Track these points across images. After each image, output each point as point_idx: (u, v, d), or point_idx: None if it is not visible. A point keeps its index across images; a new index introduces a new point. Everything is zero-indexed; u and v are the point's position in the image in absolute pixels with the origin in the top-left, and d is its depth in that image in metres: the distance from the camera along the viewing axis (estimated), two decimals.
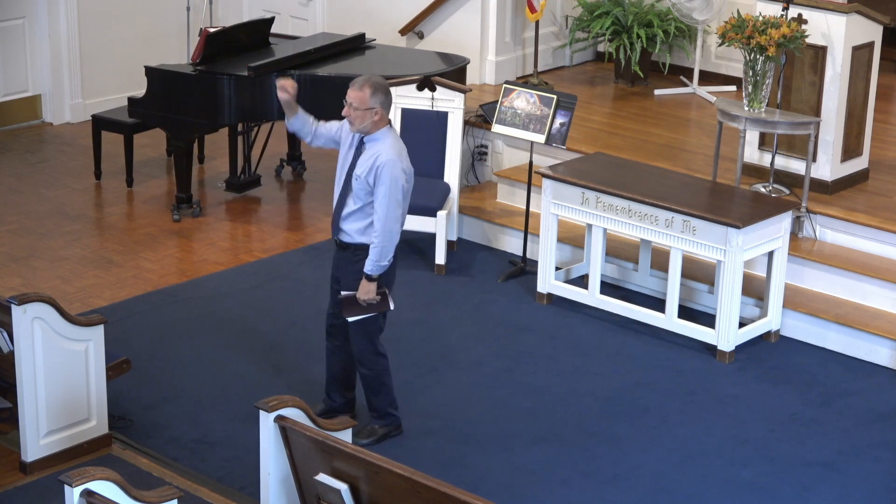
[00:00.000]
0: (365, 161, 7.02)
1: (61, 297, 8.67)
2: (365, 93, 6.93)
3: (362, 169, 7.02)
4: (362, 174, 7.02)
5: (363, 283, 7.09)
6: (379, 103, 6.95)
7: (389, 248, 7.05)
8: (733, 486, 7.07)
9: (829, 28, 8.92)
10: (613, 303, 8.82)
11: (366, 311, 7.15)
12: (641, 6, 11.44)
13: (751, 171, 9.35)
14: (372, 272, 7.05)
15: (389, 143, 7.02)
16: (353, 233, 7.13)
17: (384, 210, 6.98)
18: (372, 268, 7.05)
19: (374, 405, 7.44)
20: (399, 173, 6.96)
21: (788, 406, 7.86)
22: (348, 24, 11.70)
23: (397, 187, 6.96)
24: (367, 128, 7.00)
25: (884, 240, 8.71)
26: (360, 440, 7.24)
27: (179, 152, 10.27)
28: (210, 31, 10.26)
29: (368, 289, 7.08)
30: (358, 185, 7.04)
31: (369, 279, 7.07)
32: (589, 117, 10.66)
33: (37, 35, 12.10)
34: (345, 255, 7.21)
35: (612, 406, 7.83)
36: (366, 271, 7.05)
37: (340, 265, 7.25)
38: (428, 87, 9.61)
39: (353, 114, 6.97)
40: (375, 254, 7.03)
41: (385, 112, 7.01)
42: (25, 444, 7.05)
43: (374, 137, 7.03)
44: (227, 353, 8.35)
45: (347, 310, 7.16)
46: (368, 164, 7.00)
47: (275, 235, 10.12)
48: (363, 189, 7.03)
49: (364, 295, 7.09)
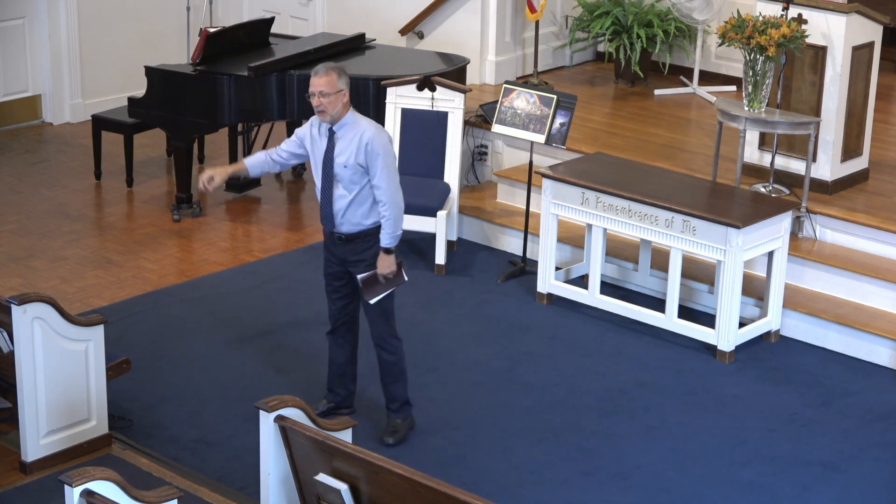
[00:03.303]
0: (347, 147, 7.03)
1: (61, 297, 8.66)
2: (332, 76, 6.97)
3: (347, 155, 7.03)
4: (349, 160, 7.02)
5: (382, 258, 7.13)
6: (345, 85, 7.02)
7: (400, 217, 7.12)
8: (733, 486, 7.07)
9: (829, 28, 8.92)
10: (613, 303, 8.82)
11: (385, 287, 7.20)
12: (641, 6, 11.44)
13: (751, 171, 9.35)
14: (391, 244, 7.12)
15: (365, 121, 7.07)
16: (357, 221, 7.14)
17: (386, 182, 7.04)
18: (390, 240, 7.12)
19: (394, 394, 7.42)
20: (388, 142, 7.04)
21: (788, 406, 7.86)
22: (348, 24, 11.70)
23: (391, 156, 7.04)
24: (338, 113, 7.00)
25: (884, 240, 8.71)
26: (389, 440, 7.32)
27: (179, 152, 10.27)
28: (210, 31, 10.27)
29: (389, 262, 7.15)
30: (348, 172, 7.04)
31: (388, 252, 7.13)
32: (589, 117, 10.66)
33: (37, 35, 12.10)
34: (352, 245, 7.20)
35: (612, 406, 7.83)
36: (384, 245, 7.12)
37: (349, 257, 7.24)
38: (428, 87, 9.61)
39: (324, 101, 6.97)
40: (390, 226, 7.10)
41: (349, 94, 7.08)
42: (25, 444, 7.05)
43: (344, 122, 7.05)
44: (227, 353, 8.35)
45: (368, 291, 7.19)
46: (353, 147, 7.01)
47: (275, 235, 10.12)
48: (356, 173, 7.04)
49: (386, 269, 7.14)
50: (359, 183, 7.07)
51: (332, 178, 7.10)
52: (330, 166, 7.09)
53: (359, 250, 7.20)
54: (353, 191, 7.09)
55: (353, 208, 7.13)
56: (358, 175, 7.05)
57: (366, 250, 7.19)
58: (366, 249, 7.19)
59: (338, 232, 7.21)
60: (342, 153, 7.05)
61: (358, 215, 7.14)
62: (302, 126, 7.28)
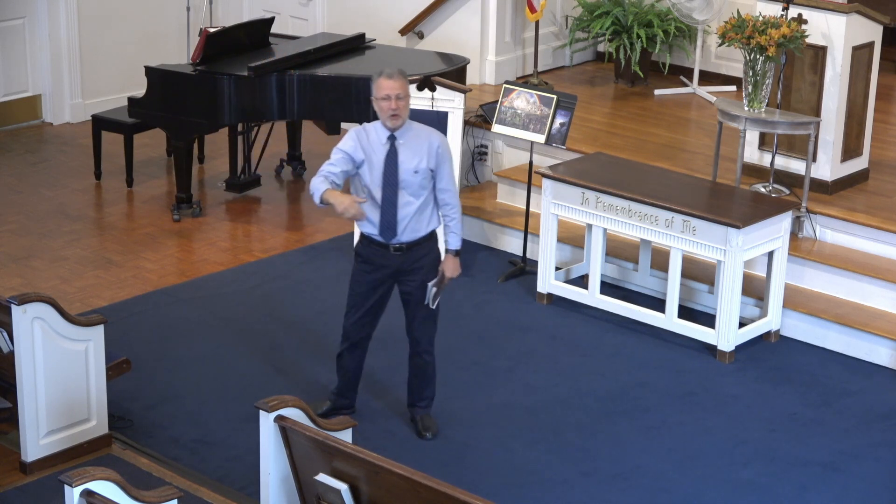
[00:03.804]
0: (415, 152, 6.89)
1: (61, 297, 8.66)
2: (405, 81, 6.83)
3: (416, 162, 6.88)
4: (421, 166, 6.88)
5: (450, 260, 7.07)
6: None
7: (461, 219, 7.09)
8: (733, 486, 7.07)
9: (829, 28, 8.92)
10: (613, 303, 8.82)
11: (441, 291, 7.18)
12: (641, 6, 11.44)
13: (751, 171, 9.35)
14: (460, 246, 7.06)
15: (422, 126, 6.96)
16: (421, 228, 7.03)
17: (454, 185, 7.02)
18: (460, 242, 7.06)
19: (427, 393, 7.48)
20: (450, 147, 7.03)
21: (788, 406, 7.86)
22: (348, 24, 11.70)
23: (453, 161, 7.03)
24: (405, 117, 6.87)
25: (884, 240, 8.71)
26: (428, 435, 7.38)
27: (179, 152, 10.27)
28: (210, 31, 10.26)
29: (457, 264, 7.09)
30: (418, 178, 6.89)
31: (458, 254, 7.07)
32: (589, 117, 10.66)
33: (37, 35, 12.10)
34: (410, 253, 7.07)
35: (612, 406, 7.83)
36: (455, 248, 7.05)
37: (404, 266, 7.08)
38: (428, 87, 9.61)
39: (400, 104, 6.81)
40: (459, 227, 7.05)
41: None
42: (25, 444, 7.05)
43: (405, 129, 6.90)
44: (227, 353, 8.35)
45: (433, 296, 7.15)
46: (423, 152, 6.88)
47: (275, 235, 10.12)
48: (425, 178, 6.91)
49: (454, 272, 7.08)
50: (427, 188, 6.94)
51: (396, 186, 6.90)
52: (394, 174, 6.89)
53: (417, 258, 7.07)
54: (420, 196, 6.95)
55: (418, 215, 6.99)
56: (427, 180, 6.93)
57: (424, 257, 7.08)
58: (424, 256, 7.08)
59: (398, 242, 7.03)
60: (410, 159, 6.88)
61: (422, 221, 7.01)
62: (343, 141, 6.97)
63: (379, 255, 7.08)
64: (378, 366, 8.17)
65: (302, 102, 9.98)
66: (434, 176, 6.95)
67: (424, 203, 6.98)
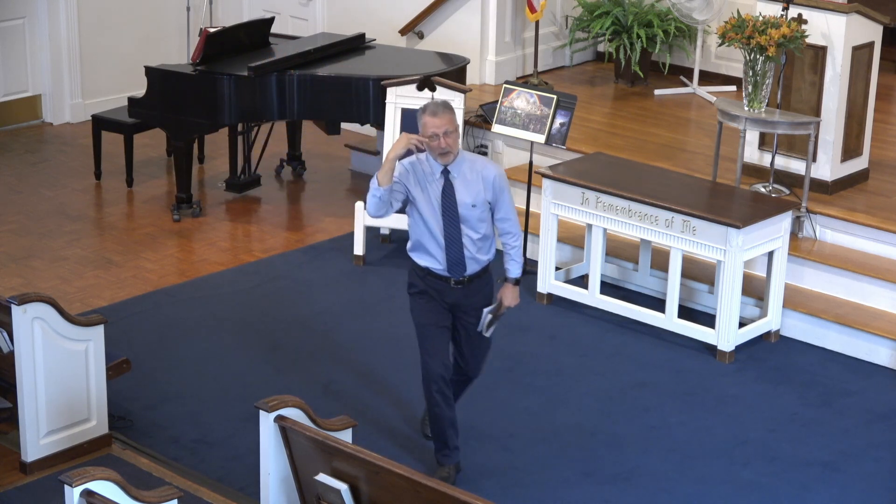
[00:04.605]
0: (471, 186, 6.65)
1: (61, 297, 8.66)
2: (452, 114, 6.56)
3: (472, 195, 6.65)
4: (478, 200, 6.66)
5: (510, 288, 6.84)
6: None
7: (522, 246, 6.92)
8: (733, 486, 7.07)
9: (829, 28, 8.92)
10: (613, 303, 8.82)
11: (496, 319, 6.94)
12: (641, 6, 11.44)
13: (751, 171, 9.35)
14: (520, 274, 6.86)
15: (474, 156, 6.75)
16: (482, 259, 6.80)
17: (514, 213, 6.78)
18: (520, 270, 6.85)
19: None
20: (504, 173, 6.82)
21: (788, 406, 7.86)
22: (348, 24, 11.70)
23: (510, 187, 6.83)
24: (457, 150, 6.62)
25: (884, 240, 8.71)
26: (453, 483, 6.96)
27: (179, 152, 10.27)
28: (210, 31, 10.26)
29: (517, 293, 6.87)
30: (478, 211, 6.66)
31: (517, 282, 6.86)
32: (589, 117, 10.66)
33: (37, 35, 12.10)
34: (469, 286, 6.81)
35: (612, 406, 7.83)
36: (514, 276, 6.83)
37: (461, 300, 6.82)
38: (428, 87, 9.61)
39: (449, 140, 6.54)
40: (519, 255, 6.84)
41: None
42: (25, 444, 7.05)
43: (458, 161, 6.63)
44: (227, 353, 8.35)
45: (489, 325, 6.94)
46: (478, 186, 6.64)
47: (275, 235, 10.12)
48: (484, 211, 6.69)
49: (514, 301, 6.86)
50: (486, 220, 6.72)
51: (458, 221, 6.66)
52: (454, 209, 6.65)
53: (476, 289, 6.84)
54: (481, 230, 6.72)
55: (478, 247, 6.75)
56: (485, 212, 6.69)
57: (482, 288, 6.86)
58: (482, 287, 6.86)
59: (461, 276, 6.77)
60: (466, 193, 6.64)
61: (483, 251, 6.78)
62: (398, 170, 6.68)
63: (438, 287, 6.82)
64: (378, 366, 8.17)
65: (302, 102, 9.98)
66: (493, 207, 6.74)
67: (485, 235, 6.76)
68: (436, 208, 6.66)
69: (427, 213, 6.68)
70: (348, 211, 10.04)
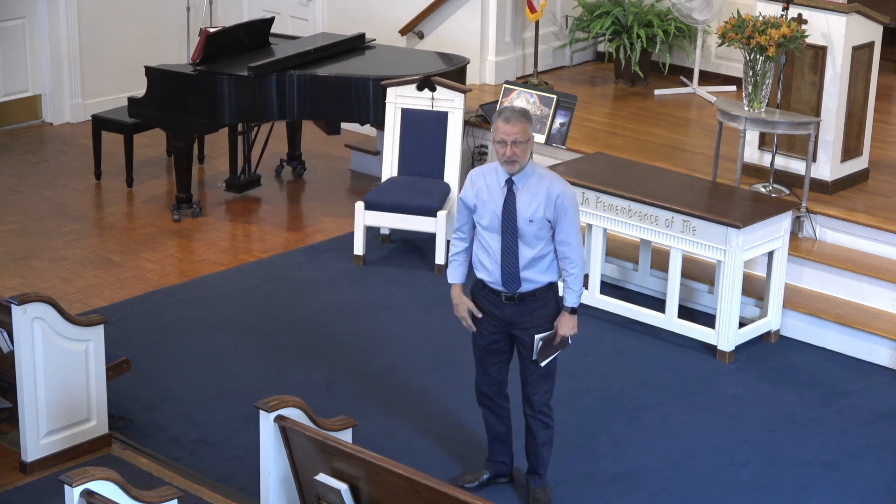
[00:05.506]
0: (532, 201, 6.45)
1: (61, 297, 8.67)
2: (526, 123, 6.40)
3: (532, 210, 6.44)
4: (537, 215, 6.44)
5: (566, 317, 6.58)
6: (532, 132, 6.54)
7: (583, 274, 6.64)
8: (733, 486, 7.07)
9: (829, 28, 8.92)
10: (613, 303, 8.82)
11: (555, 349, 6.65)
12: (641, 6, 11.44)
13: (751, 171, 9.35)
14: (576, 304, 6.57)
15: (545, 171, 6.57)
16: (538, 278, 6.54)
17: (576, 238, 6.50)
18: (576, 299, 6.55)
19: (541, 464, 6.88)
20: (575, 196, 6.55)
21: (788, 406, 7.86)
22: (348, 24, 11.70)
23: (578, 210, 6.56)
24: (526, 161, 6.44)
25: (884, 240, 8.71)
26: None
27: (179, 152, 10.27)
28: (210, 31, 10.27)
29: (574, 323, 6.60)
30: (533, 227, 6.45)
31: (574, 312, 6.58)
32: (589, 117, 10.66)
33: (37, 35, 12.10)
34: (521, 305, 6.58)
35: (612, 406, 7.83)
36: (570, 305, 6.56)
37: (515, 319, 6.59)
38: (428, 87, 9.61)
39: (517, 151, 6.37)
40: (577, 284, 6.54)
41: None
42: (25, 444, 7.05)
43: (526, 173, 6.47)
44: (227, 353, 8.35)
45: (542, 353, 6.62)
46: (540, 201, 6.43)
47: (275, 235, 10.12)
48: (542, 228, 6.46)
49: (570, 331, 6.60)
50: (544, 238, 6.48)
51: (516, 233, 6.47)
52: (513, 222, 6.47)
53: (528, 310, 6.58)
54: (536, 247, 6.48)
55: (537, 263, 6.51)
56: (544, 230, 6.46)
57: (536, 310, 6.58)
58: (536, 310, 6.58)
59: (514, 291, 6.56)
60: (526, 207, 6.44)
61: (540, 270, 6.53)
62: (463, 189, 6.61)
63: (491, 304, 6.65)
64: (379, 366, 8.17)
65: (302, 102, 9.98)
66: (553, 226, 6.50)
67: (541, 253, 6.51)
68: (496, 218, 6.52)
69: (487, 223, 6.54)
70: (348, 211, 10.04)
